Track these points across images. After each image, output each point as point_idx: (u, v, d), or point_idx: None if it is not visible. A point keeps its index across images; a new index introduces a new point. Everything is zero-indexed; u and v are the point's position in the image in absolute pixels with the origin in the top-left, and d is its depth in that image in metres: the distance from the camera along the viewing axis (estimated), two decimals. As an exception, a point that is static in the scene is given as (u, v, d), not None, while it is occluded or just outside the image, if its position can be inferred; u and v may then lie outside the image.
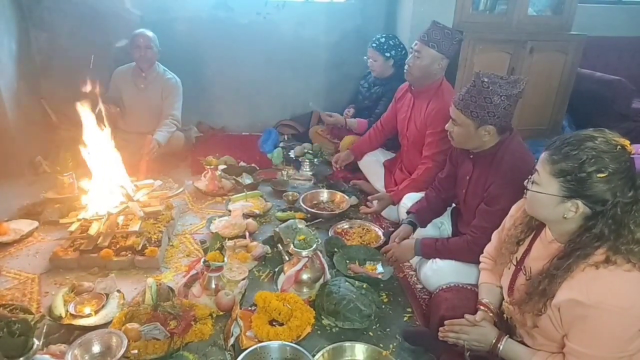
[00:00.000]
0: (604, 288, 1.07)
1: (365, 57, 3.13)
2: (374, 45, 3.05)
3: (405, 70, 2.41)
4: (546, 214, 1.20)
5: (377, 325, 1.78)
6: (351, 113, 3.34)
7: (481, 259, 1.61)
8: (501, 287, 1.46)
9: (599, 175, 1.07)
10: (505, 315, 1.41)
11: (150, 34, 3.05)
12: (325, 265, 1.98)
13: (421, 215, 2.11)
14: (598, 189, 1.09)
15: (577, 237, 1.15)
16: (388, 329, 1.76)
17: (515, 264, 1.36)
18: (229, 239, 2.23)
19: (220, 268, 1.83)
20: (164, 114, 3.13)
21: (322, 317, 1.77)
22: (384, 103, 3.04)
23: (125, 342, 1.46)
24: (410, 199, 2.29)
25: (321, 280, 1.93)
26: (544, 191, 1.16)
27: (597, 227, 1.10)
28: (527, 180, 1.24)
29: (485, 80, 1.63)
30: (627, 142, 1.10)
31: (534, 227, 1.33)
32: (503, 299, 1.45)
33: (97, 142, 2.36)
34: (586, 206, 1.11)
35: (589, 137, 1.11)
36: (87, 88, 2.46)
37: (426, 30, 2.30)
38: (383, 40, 3.04)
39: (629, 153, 1.09)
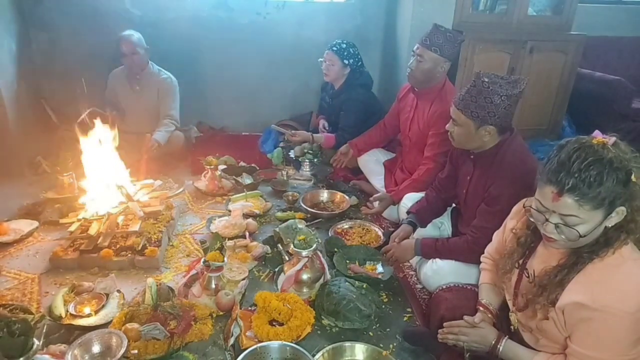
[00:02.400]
0: (609, 291, 1.07)
1: (320, 60, 3.08)
2: (334, 48, 3.00)
3: (407, 74, 2.41)
4: (590, 239, 1.14)
5: (377, 325, 1.78)
6: (321, 124, 3.32)
7: (482, 259, 1.61)
8: (502, 288, 1.45)
9: (632, 178, 1.06)
10: (512, 327, 1.39)
11: (134, 37, 2.96)
12: (325, 265, 1.98)
13: (421, 215, 2.11)
14: (630, 188, 1.07)
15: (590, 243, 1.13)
16: (388, 329, 1.76)
17: (517, 267, 1.35)
18: (229, 239, 2.23)
19: (220, 268, 1.83)
20: (161, 114, 3.13)
21: (322, 317, 1.77)
22: (344, 115, 3.06)
23: (125, 342, 1.46)
24: (410, 199, 2.29)
25: (321, 280, 1.93)
26: (591, 226, 1.10)
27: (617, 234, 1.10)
28: (549, 227, 1.15)
29: (486, 80, 1.63)
30: (603, 140, 1.09)
31: (536, 238, 1.31)
32: (504, 300, 1.45)
33: (97, 143, 2.36)
34: (626, 208, 1.08)
35: (599, 156, 1.06)
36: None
37: (427, 34, 2.29)
38: (344, 46, 3.00)
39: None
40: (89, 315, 1.71)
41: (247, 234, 2.32)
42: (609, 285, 1.08)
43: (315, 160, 3.15)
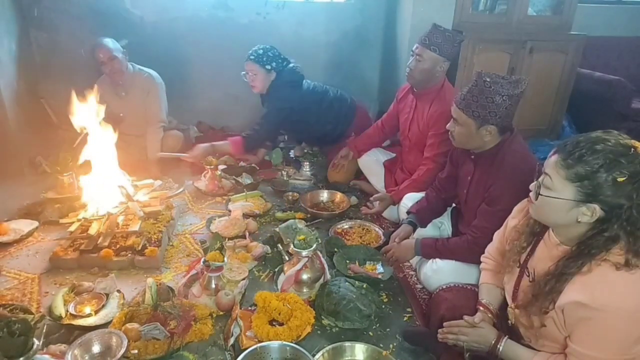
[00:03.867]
0: (608, 291, 1.07)
1: (243, 73, 2.88)
2: (252, 57, 2.79)
3: (406, 73, 2.41)
4: (557, 219, 1.18)
5: (377, 325, 1.78)
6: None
7: (482, 259, 1.61)
8: (502, 289, 1.45)
9: (618, 179, 1.05)
10: (509, 321, 1.40)
11: (109, 43, 2.81)
12: (325, 265, 1.98)
13: (421, 215, 2.11)
14: (616, 192, 1.07)
15: (587, 240, 1.13)
16: (388, 329, 1.76)
17: (518, 267, 1.35)
18: (229, 239, 2.23)
19: (220, 268, 1.83)
20: (148, 117, 3.03)
21: (322, 317, 1.77)
22: (264, 114, 2.91)
23: (125, 342, 1.46)
24: (410, 199, 2.29)
25: (321, 280, 1.93)
26: (558, 196, 1.13)
27: (610, 230, 1.09)
28: (535, 185, 1.21)
29: (487, 80, 1.63)
30: (637, 143, 1.09)
31: (536, 233, 1.32)
32: (505, 301, 1.45)
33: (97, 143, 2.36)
34: (602, 210, 1.09)
35: (601, 139, 1.09)
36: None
37: (427, 34, 2.29)
38: (261, 51, 2.80)
39: None
40: (89, 315, 1.71)
41: (247, 234, 2.32)
42: (609, 284, 1.08)
43: (315, 160, 3.15)
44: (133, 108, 3.04)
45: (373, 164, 2.85)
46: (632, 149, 1.07)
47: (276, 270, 2.04)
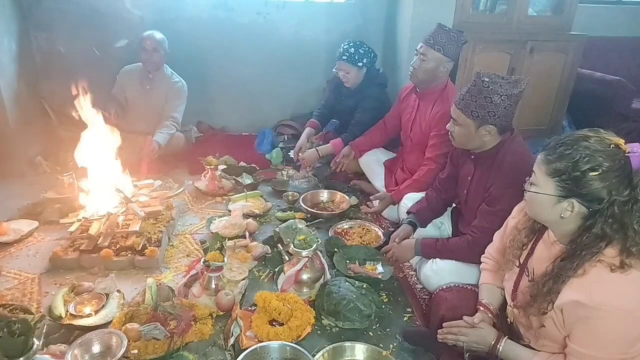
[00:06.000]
0: (607, 290, 1.07)
1: (334, 70, 2.97)
2: (344, 57, 2.86)
3: (410, 73, 2.41)
4: (545, 215, 1.21)
5: (377, 325, 1.78)
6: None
7: (482, 259, 1.61)
8: (502, 289, 1.45)
9: (592, 173, 1.08)
10: (509, 320, 1.40)
11: (158, 36, 3.03)
12: (325, 265, 1.99)
13: (421, 215, 2.11)
14: (592, 187, 1.09)
15: (577, 238, 1.15)
16: (388, 329, 1.76)
17: (517, 266, 1.35)
18: (229, 239, 2.23)
19: (220, 268, 1.83)
20: (165, 115, 3.13)
21: (322, 317, 1.77)
22: (360, 112, 2.95)
23: (125, 342, 1.46)
24: (410, 199, 2.29)
25: (321, 280, 1.93)
26: (541, 191, 1.17)
27: (596, 226, 1.10)
28: (525, 182, 1.25)
29: (486, 79, 1.64)
30: (621, 141, 1.10)
31: (536, 230, 1.33)
32: (505, 301, 1.45)
33: (96, 143, 2.36)
34: (582, 205, 1.12)
35: (583, 137, 1.12)
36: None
37: (431, 33, 2.29)
38: (353, 50, 2.85)
39: (623, 151, 1.09)
40: (89, 315, 1.71)
41: (247, 234, 2.32)
42: (607, 283, 1.08)
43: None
44: (151, 104, 3.13)
45: (374, 164, 2.85)
46: (612, 146, 1.09)
47: (276, 270, 2.04)
